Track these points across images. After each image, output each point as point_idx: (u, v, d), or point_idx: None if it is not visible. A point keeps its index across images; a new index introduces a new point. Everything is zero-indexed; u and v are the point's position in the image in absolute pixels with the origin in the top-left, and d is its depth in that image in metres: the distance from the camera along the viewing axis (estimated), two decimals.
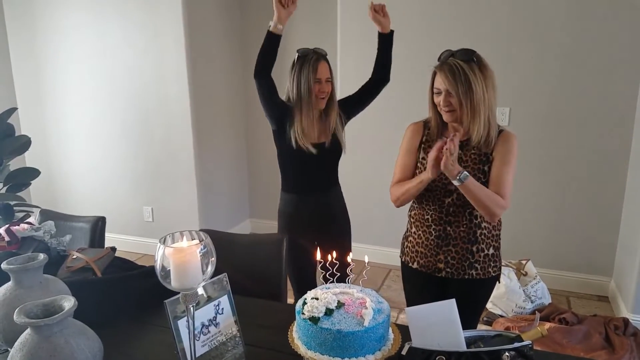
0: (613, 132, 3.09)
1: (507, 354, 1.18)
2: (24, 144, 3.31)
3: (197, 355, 1.30)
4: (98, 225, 2.16)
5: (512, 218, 3.39)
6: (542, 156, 3.26)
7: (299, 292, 2.28)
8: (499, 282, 1.97)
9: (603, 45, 2.99)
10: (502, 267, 3.08)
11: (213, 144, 4.00)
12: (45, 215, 2.25)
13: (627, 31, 2.93)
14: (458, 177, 1.66)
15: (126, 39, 3.74)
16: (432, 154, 1.69)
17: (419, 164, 1.86)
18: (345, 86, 3.63)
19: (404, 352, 1.24)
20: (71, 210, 4.20)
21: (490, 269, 1.83)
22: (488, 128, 1.72)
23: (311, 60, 2.12)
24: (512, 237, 3.40)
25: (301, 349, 1.27)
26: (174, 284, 1.06)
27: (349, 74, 3.60)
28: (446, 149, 1.64)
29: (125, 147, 3.98)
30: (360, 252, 2.53)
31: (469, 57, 1.68)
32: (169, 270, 1.06)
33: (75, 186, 4.27)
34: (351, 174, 2.11)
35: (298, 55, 2.15)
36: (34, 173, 3.41)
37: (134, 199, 4.09)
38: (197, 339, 1.30)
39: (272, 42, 2.06)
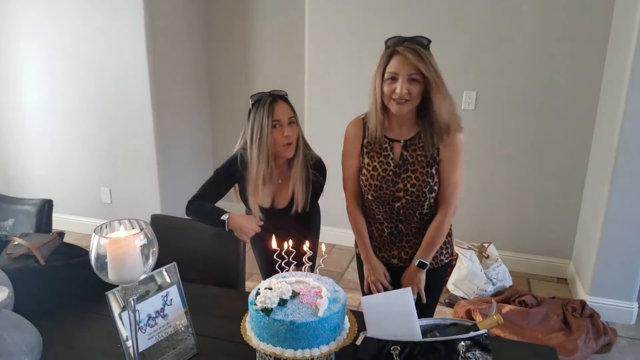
0: (576, 119, 3.12)
1: (462, 343, 1.16)
2: None
3: (143, 348, 1.24)
4: (45, 209, 2.04)
5: (474, 202, 3.42)
6: (506, 140, 3.27)
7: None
8: (457, 263, 1.96)
9: (571, 33, 2.98)
10: (465, 250, 3.12)
11: (174, 124, 3.86)
12: None
13: (594, 20, 2.93)
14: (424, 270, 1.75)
15: (82, 15, 3.54)
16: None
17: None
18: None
19: (358, 342, 1.21)
20: (26, 191, 4.03)
21: (442, 257, 1.81)
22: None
23: (266, 102, 1.80)
24: (475, 221, 3.43)
25: (253, 340, 1.22)
26: (111, 277, 0.98)
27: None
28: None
29: (82, 126, 3.81)
30: (327, 234, 2.49)
31: (427, 43, 1.56)
32: (107, 262, 0.98)
33: (30, 167, 4.08)
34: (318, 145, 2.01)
35: (252, 102, 1.85)
36: None
37: (91, 179, 3.93)
38: (143, 331, 1.24)
39: (215, 224, 1.89)
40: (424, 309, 1.83)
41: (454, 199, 1.70)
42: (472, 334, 1.18)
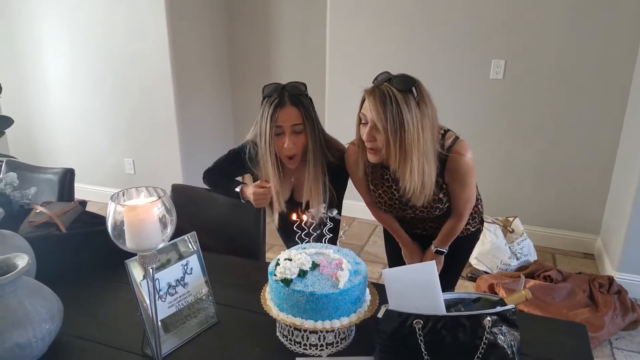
0: (609, 87, 2.98)
1: (488, 318, 1.12)
2: None
3: (164, 316, 1.24)
4: (67, 178, 2.04)
5: (500, 175, 3.33)
6: (534, 110, 3.15)
7: None
8: (480, 237, 1.94)
9: (606, 2, 2.83)
10: (489, 224, 3.05)
11: (195, 94, 3.84)
12: (11, 166, 2.13)
13: None
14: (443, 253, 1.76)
15: None
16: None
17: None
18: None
19: (379, 315, 1.18)
20: (52, 163, 4.08)
21: (469, 226, 1.77)
22: (422, 178, 1.46)
23: (272, 103, 1.56)
24: (500, 194, 3.35)
25: (273, 310, 1.21)
26: (129, 244, 0.97)
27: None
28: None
29: (105, 98, 3.82)
30: (348, 208, 2.45)
31: (407, 86, 1.38)
32: (124, 229, 0.96)
33: (56, 139, 4.13)
34: (338, 127, 1.93)
35: (262, 95, 1.63)
36: (7, 121, 3.26)
37: (114, 151, 3.96)
38: (163, 300, 1.23)
39: (231, 196, 1.80)
40: (447, 278, 1.81)
41: (466, 210, 1.66)
42: (499, 309, 1.14)
